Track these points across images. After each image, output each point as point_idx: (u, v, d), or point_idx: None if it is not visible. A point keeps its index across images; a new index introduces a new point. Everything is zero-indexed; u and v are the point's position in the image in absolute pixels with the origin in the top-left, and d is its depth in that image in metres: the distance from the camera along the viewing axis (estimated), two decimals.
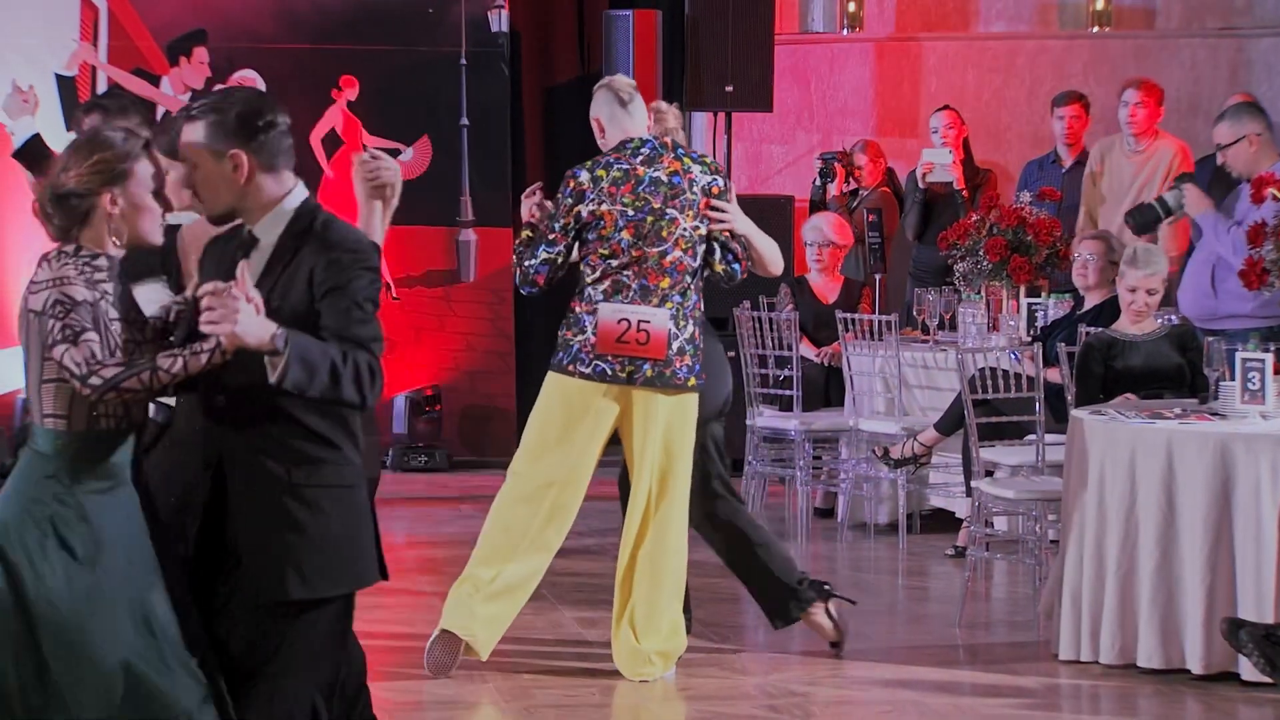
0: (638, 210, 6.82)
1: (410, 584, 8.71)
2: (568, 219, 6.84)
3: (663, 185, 6.84)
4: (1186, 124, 12.10)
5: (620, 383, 6.77)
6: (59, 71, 12.24)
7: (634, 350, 6.77)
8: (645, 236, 6.80)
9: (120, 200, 4.49)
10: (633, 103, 6.98)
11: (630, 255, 6.79)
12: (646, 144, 6.90)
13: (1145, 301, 8.14)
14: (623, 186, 6.82)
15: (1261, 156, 8.43)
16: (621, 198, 6.82)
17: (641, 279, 6.80)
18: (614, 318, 6.77)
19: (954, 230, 10.06)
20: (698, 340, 6.86)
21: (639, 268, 6.80)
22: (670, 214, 6.82)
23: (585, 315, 6.81)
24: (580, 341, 6.81)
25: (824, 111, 13.02)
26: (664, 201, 6.82)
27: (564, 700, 6.75)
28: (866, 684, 7.01)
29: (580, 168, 6.90)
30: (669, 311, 6.79)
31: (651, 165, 6.85)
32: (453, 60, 12.48)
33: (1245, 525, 6.79)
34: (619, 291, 6.79)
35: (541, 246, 6.86)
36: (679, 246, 6.82)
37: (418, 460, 12.28)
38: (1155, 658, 6.95)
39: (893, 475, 9.70)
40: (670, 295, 6.81)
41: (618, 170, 6.84)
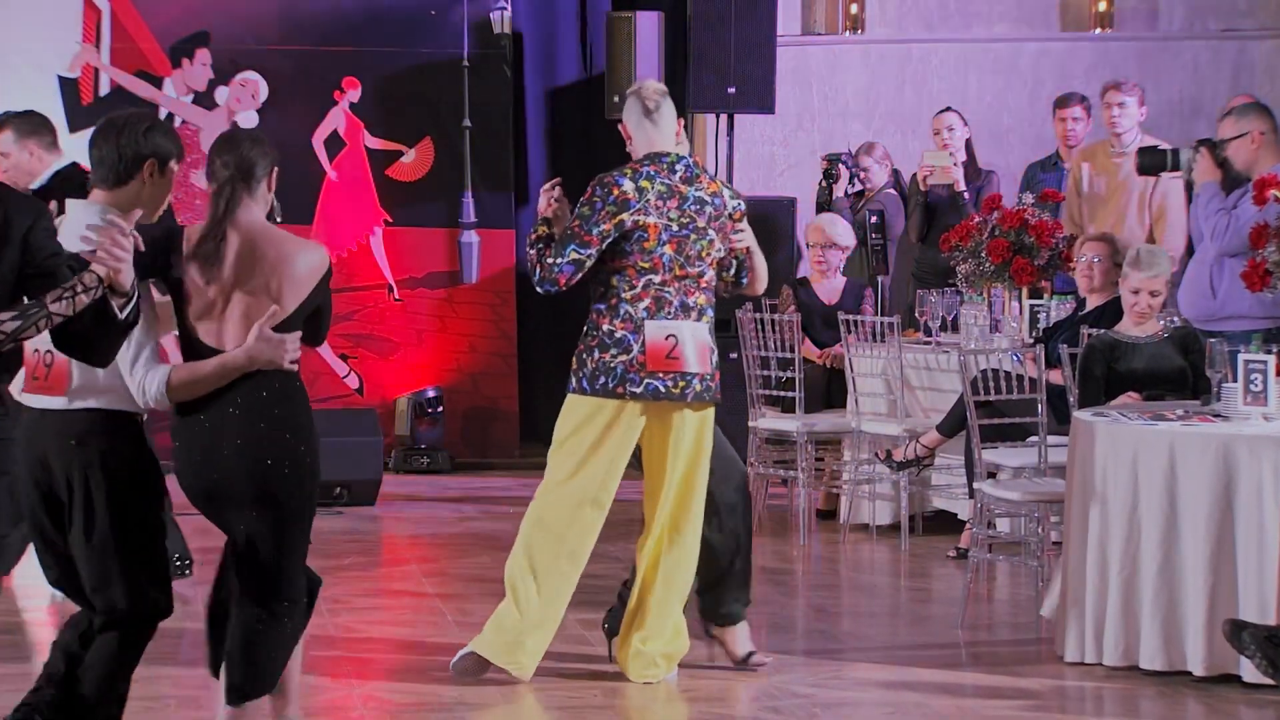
0: (682, 226, 6.81)
1: (413, 585, 8.72)
2: (608, 225, 6.74)
3: (707, 205, 6.85)
4: (1188, 126, 12.11)
5: (674, 399, 6.77)
6: (62, 73, 12.25)
7: (683, 366, 6.79)
8: (687, 254, 6.81)
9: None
10: (659, 111, 6.92)
11: (672, 271, 6.78)
12: (681, 161, 6.88)
13: (1148, 303, 8.14)
14: (669, 201, 6.79)
15: (1263, 155, 8.42)
16: (668, 212, 6.79)
17: (683, 295, 6.80)
18: (661, 335, 6.77)
19: (956, 232, 10.06)
20: (717, 353, 6.96)
21: (679, 284, 6.80)
22: (710, 235, 6.85)
23: (629, 334, 6.76)
24: (625, 362, 6.75)
25: (825, 113, 13.02)
26: (707, 222, 6.84)
27: (567, 701, 6.75)
28: (869, 685, 7.01)
29: (621, 175, 6.82)
30: (707, 325, 6.87)
31: (692, 184, 6.84)
32: (455, 62, 12.49)
33: (1247, 527, 6.79)
34: (661, 308, 6.78)
35: (571, 246, 6.76)
36: (712, 266, 6.90)
37: (420, 462, 12.28)
38: (1157, 659, 6.95)
39: (895, 477, 9.71)
40: (706, 310, 6.87)
41: (661, 184, 6.81)
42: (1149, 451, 6.96)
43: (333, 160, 12.44)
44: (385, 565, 9.58)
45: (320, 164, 12.31)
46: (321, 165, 12.33)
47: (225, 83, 12.36)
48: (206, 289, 5.46)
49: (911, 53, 13.04)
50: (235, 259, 5.47)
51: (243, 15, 12.38)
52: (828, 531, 10.10)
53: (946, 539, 9.62)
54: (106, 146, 5.46)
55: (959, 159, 10.99)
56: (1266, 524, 6.75)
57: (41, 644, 7.74)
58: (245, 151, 5.56)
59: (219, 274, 5.46)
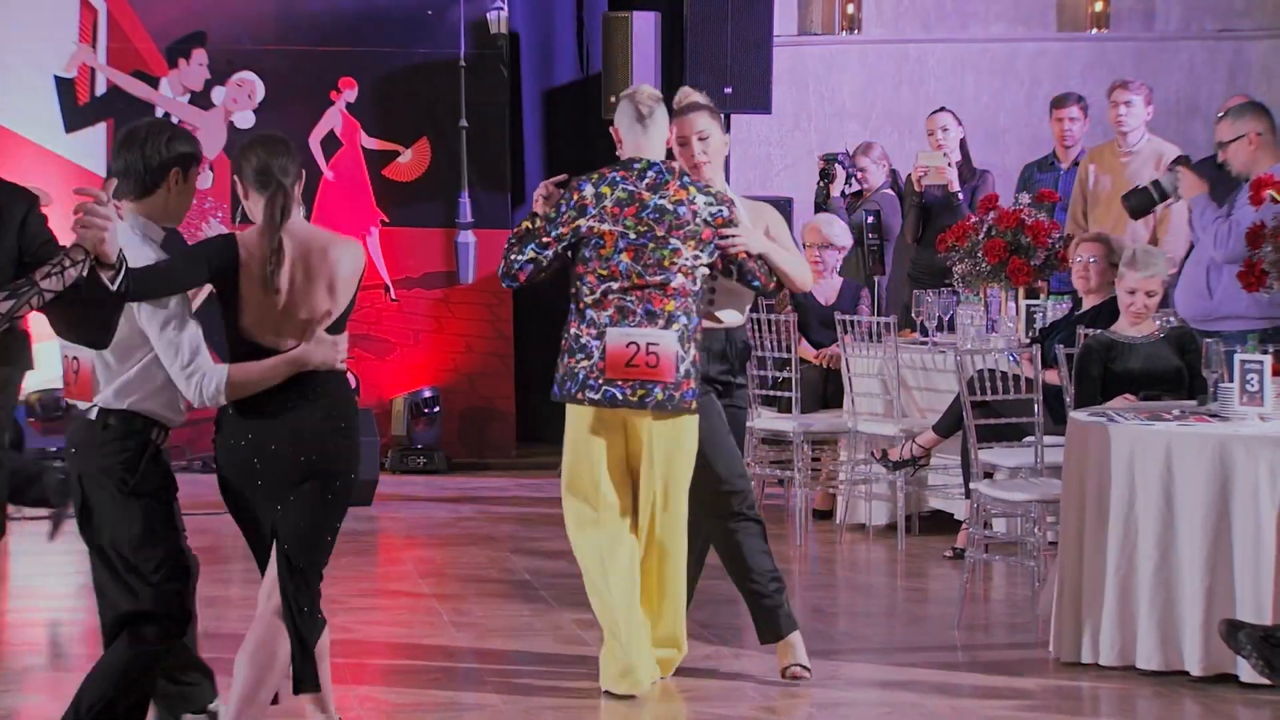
0: (640, 235, 6.72)
1: (409, 586, 8.72)
2: (566, 229, 6.74)
3: (667, 214, 6.73)
4: (1185, 126, 12.12)
5: (632, 406, 6.70)
6: (58, 73, 12.25)
7: (644, 374, 6.69)
8: (646, 263, 6.71)
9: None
10: (651, 118, 6.82)
11: (630, 280, 6.71)
12: (653, 167, 6.78)
13: (1144, 303, 8.14)
14: (627, 209, 6.73)
15: (1261, 156, 8.41)
16: (624, 219, 6.72)
17: (646, 304, 6.72)
18: (622, 342, 6.69)
19: (953, 232, 10.07)
20: (697, 363, 6.80)
21: (642, 293, 6.72)
22: (673, 244, 6.72)
23: (591, 341, 6.73)
24: (587, 368, 6.72)
25: (822, 113, 13.03)
26: (667, 230, 6.72)
27: (563, 702, 6.74)
28: (865, 685, 7.01)
29: (586, 180, 6.80)
30: (676, 334, 6.73)
31: (657, 191, 6.74)
32: (452, 62, 12.49)
33: (1244, 527, 6.79)
34: (625, 316, 6.71)
35: (531, 245, 6.77)
36: (682, 274, 6.75)
37: (416, 462, 12.29)
38: (1154, 659, 6.95)
39: (891, 477, 9.71)
40: (676, 317, 6.74)
41: (623, 190, 6.75)
42: (1145, 452, 6.95)
43: (329, 160, 12.44)
44: (382, 565, 9.57)
45: (317, 164, 12.31)
46: (318, 165, 12.32)
47: (222, 83, 12.36)
48: (266, 296, 5.50)
49: (908, 53, 13.05)
50: (290, 265, 5.52)
51: (239, 15, 12.38)
52: (824, 531, 10.11)
53: (943, 539, 9.62)
54: (130, 157, 5.54)
55: (953, 159, 10.99)
56: (1263, 524, 6.75)
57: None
58: (285, 156, 5.61)
59: (279, 282, 5.51)
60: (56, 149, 12.21)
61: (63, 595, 8.64)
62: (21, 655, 7.48)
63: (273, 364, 5.52)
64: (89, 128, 12.29)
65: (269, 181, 5.56)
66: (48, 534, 7.33)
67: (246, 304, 5.53)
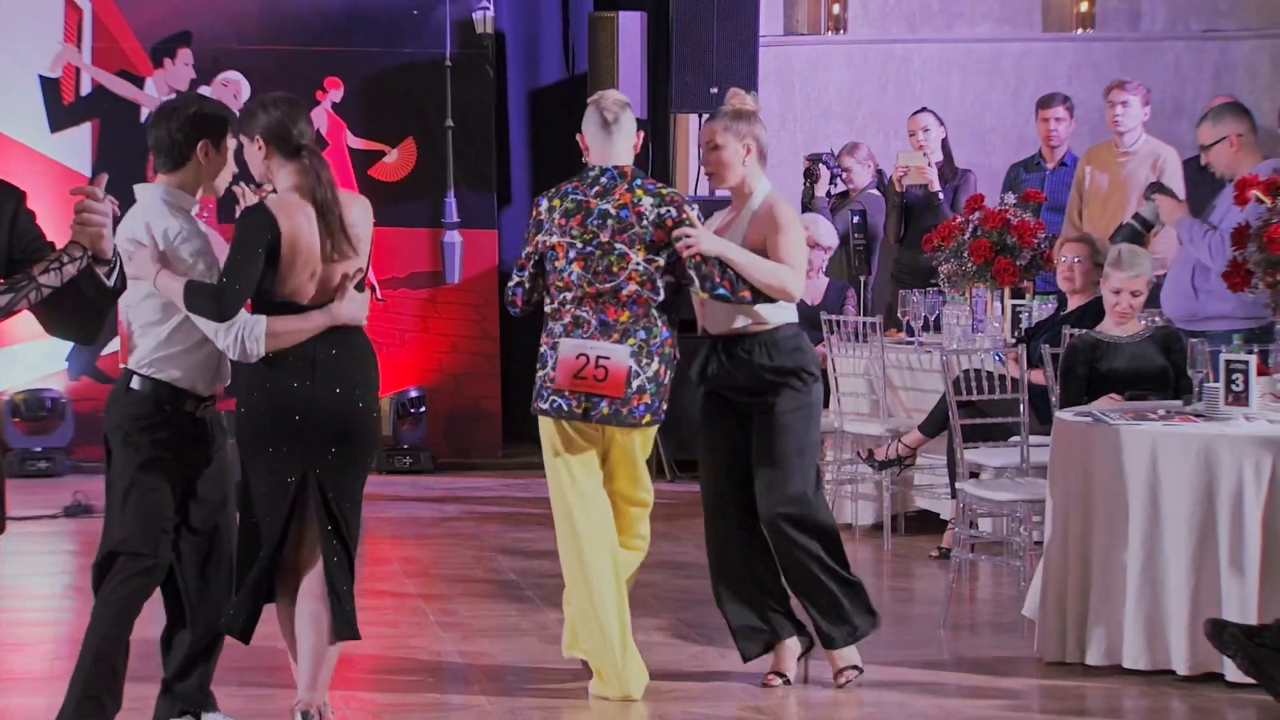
0: (586, 243, 6.68)
1: (395, 586, 8.71)
2: (531, 248, 6.78)
3: (611, 218, 6.67)
4: (1170, 126, 12.13)
5: (576, 418, 6.69)
6: (43, 73, 12.23)
7: (591, 386, 6.64)
8: (595, 271, 6.67)
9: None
10: (616, 124, 6.77)
11: (583, 289, 6.67)
12: (606, 173, 6.73)
13: (1129, 303, 8.15)
14: (573, 218, 6.69)
15: (1244, 157, 8.44)
16: (571, 229, 6.69)
17: (600, 314, 6.67)
18: (573, 353, 6.66)
19: (938, 232, 10.07)
20: (663, 378, 6.71)
21: (595, 303, 6.67)
22: (620, 249, 6.65)
23: (548, 351, 6.73)
24: (542, 377, 6.74)
25: (808, 113, 13.03)
26: (612, 235, 6.65)
27: (549, 702, 6.74)
28: (851, 685, 7.01)
29: (543, 196, 6.82)
30: (630, 348, 6.65)
31: (604, 198, 6.69)
32: (438, 62, 12.49)
33: (1229, 526, 6.80)
34: (579, 326, 6.67)
35: (515, 270, 6.85)
36: (634, 280, 6.65)
37: (402, 462, 12.28)
38: (1140, 659, 6.95)
39: (877, 476, 9.72)
40: (633, 331, 6.66)
41: (571, 201, 6.72)
42: (1131, 451, 6.96)
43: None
44: (368, 565, 9.56)
45: None
46: None
47: (207, 82, 12.36)
48: (307, 262, 5.72)
49: (894, 53, 13.06)
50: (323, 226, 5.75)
51: (224, 15, 12.37)
52: None
53: (929, 539, 9.63)
54: (159, 132, 5.79)
55: (934, 159, 10.99)
56: (1248, 524, 6.76)
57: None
58: (305, 120, 5.86)
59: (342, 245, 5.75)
60: (41, 148, 12.20)
61: (50, 595, 8.63)
62: (9, 655, 7.47)
63: (309, 317, 5.75)
64: (74, 127, 12.28)
65: (298, 148, 5.78)
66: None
67: (288, 271, 5.71)
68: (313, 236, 5.72)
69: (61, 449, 12.05)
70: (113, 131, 12.27)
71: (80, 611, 8.31)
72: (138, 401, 5.76)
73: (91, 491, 10.83)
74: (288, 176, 5.78)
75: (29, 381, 12.07)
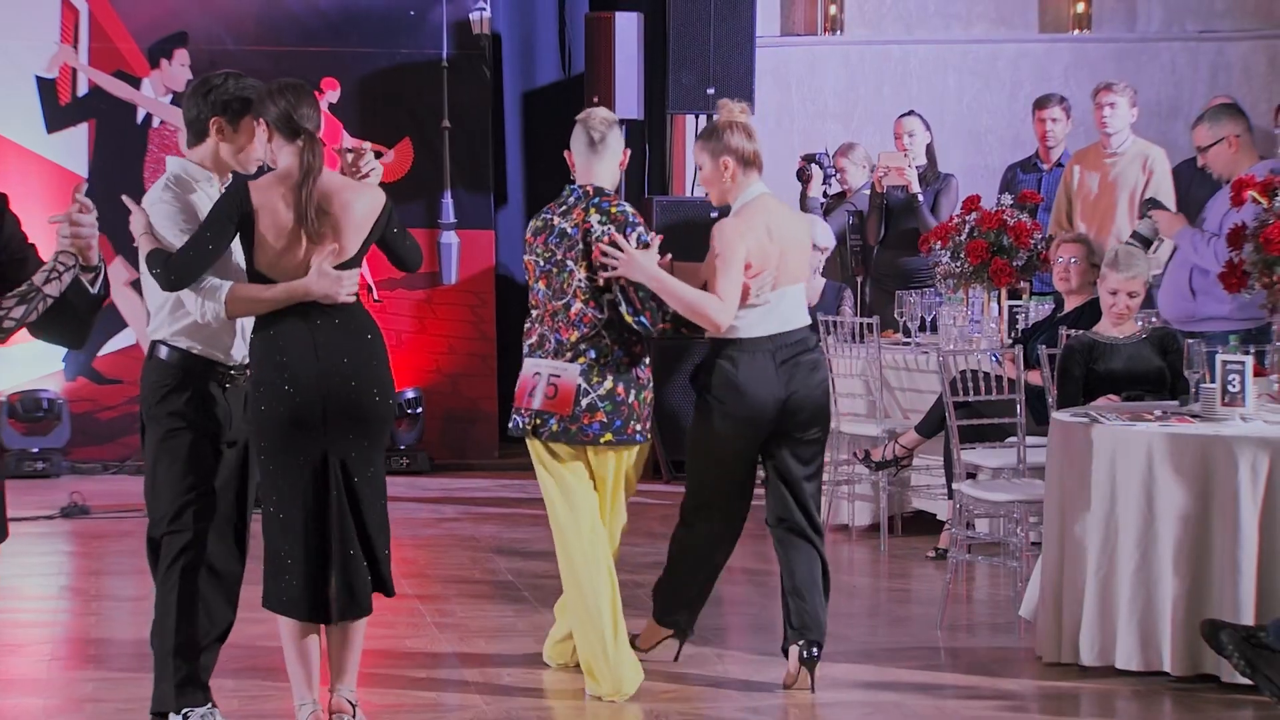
0: (547, 260, 6.78)
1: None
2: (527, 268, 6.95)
3: (566, 237, 6.74)
4: (1166, 127, 12.14)
5: (527, 435, 6.82)
6: (39, 74, 12.23)
7: (543, 404, 6.74)
8: (554, 289, 6.76)
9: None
10: (603, 143, 6.82)
11: (545, 308, 6.79)
12: (574, 192, 6.82)
13: (1126, 304, 8.16)
14: (539, 237, 6.80)
15: (1241, 158, 8.45)
16: (536, 248, 6.80)
17: (556, 332, 6.76)
18: (530, 372, 6.80)
19: (935, 233, 10.08)
20: (620, 395, 6.72)
21: (553, 321, 6.77)
22: (569, 266, 6.72)
23: (522, 371, 6.89)
24: (515, 395, 6.89)
25: (804, 114, 13.03)
26: (564, 253, 6.73)
27: (546, 703, 6.75)
28: (848, 686, 7.01)
29: (535, 217, 6.94)
30: (580, 367, 6.70)
31: (565, 216, 6.77)
32: (434, 62, 12.48)
33: (1225, 527, 6.80)
34: (542, 345, 6.80)
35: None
36: (579, 298, 6.72)
37: (399, 463, 12.28)
38: (1135, 660, 6.96)
39: (874, 477, 9.72)
40: (583, 350, 6.72)
41: (540, 220, 6.84)
42: (1127, 452, 6.97)
43: None
44: None
45: None
46: None
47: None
48: (278, 238, 5.82)
49: (890, 54, 13.06)
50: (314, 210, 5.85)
51: (221, 16, 12.36)
52: None
53: (926, 540, 9.63)
54: (185, 106, 6.04)
55: (918, 163, 10.98)
56: (1243, 525, 6.77)
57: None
58: (310, 105, 5.95)
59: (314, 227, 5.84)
60: (38, 149, 12.19)
61: (47, 596, 8.63)
62: (6, 657, 7.47)
63: (269, 288, 5.85)
64: (71, 128, 12.26)
65: (297, 130, 5.87)
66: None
67: (261, 247, 5.85)
68: (286, 215, 5.83)
69: (58, 450, 12.04)
70: (109, 132, 12.27)
71: (78, 613, 8.33)
72: (159, 369, 5.96)
73: (88, 492, 10.84)
74: (286, 158, 5.91)
75: (25, 382, 12.07)
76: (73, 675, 7.13)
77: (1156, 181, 10.33)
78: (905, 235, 10.91)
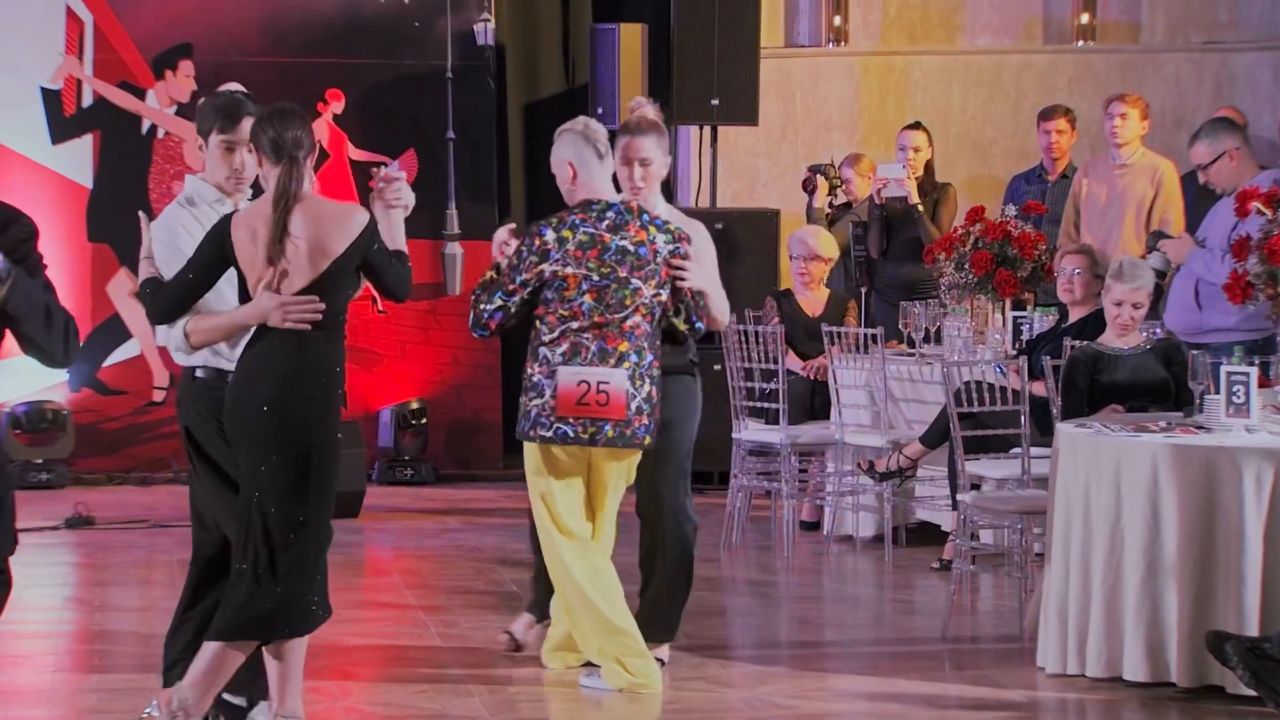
0: (603, 276, 6.81)
1: (395, 597, 8.71)
2: (530, 275, 6.84)
3: (629, 255, 6.82)
4: (1171, 138, 12.13)
5: (583, 444, 6.84)
6: (45, 85, 12.23)
7: (594, 412, 6.79)
8: (608, 303, 6.81)
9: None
10: (608, 155, 6.96)
11: (591, 320, 6.81)
12: (612, 208, 6.86)
13: (1130, 315, 8.15)
14: (589, 251, 6.80)
15: (1243, 170, 8.46)
16: (587, 262, 6.80)
17: (600, 342, 6.81)
18: (573, 380, 6.80)
19: (940, 244, 10.08)
20: (654, 399, 6.90)
21: (599, 331, 6.81)
22: (635, 284, 6.82)
23: (544, 380, 6.84)
24: (539, 406, 6.84)
25: (809, 125, 13.04)
26: (629, 271, 6.81)
27: (549, 713, 6.74)
28: (852, 697, 7.01)
29: (545, 225, 6.87)
30: (626, 372, 6.81)
31: (617, 233, 6.82)
32: (439, 74, 12.48)
33: (1230, 538, 6.80)
34: (577, 354, 6.81)
35: (498, 293, 6.88)
36: (639, 313, 6.84)
37: (403, 473, 12.27)
38: (1140, 671, 6.95)
39: (878, 488, 9.71)
40: (628, 356, 6.83)
41: (584, 234, 6.81)
42: (1132, 463, 6.96)
43: (316, 172, 12.42)
44: (369, 576, 9.56)
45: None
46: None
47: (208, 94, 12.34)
48: (266, 264, 5.81)
49: (894, 65, 13.06)
50: (296, 235, 5.81)
51: (225, 27, 12.37)
52: (811, 543, 10.10)
53: (930, 550, 9.62)
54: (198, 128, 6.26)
55: (917, 175, 10.97)
56: (1249, 535, 6.76)
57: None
58: (298, 129, 5.90)
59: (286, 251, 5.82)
60: (43, 160, 12.19)
61: (51, 607, 8.62)
62: (10, 668, 7.46)
63: (224, 316, 5.90)
64: (75, 139, 12.27)
65: (281, 154, 5.85)
66: None
67: (249, 272, 5.84)
68: (258, 243, 5.82)
69: (62, 461, 12.04)
70: (114, 143, 12.27)
71: (82, 624, 8.33)
72: (195, 389, 6.04)
73: (93, 503, 10.84)
74: (273, 181, 5.92)
75: (30, 393, 12.07)
76: (77, 686, 7.13)
77: (1165, 195, 10.32)
78: (909, 246, 10.90)
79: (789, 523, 9.92)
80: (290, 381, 5.79)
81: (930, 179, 11.13)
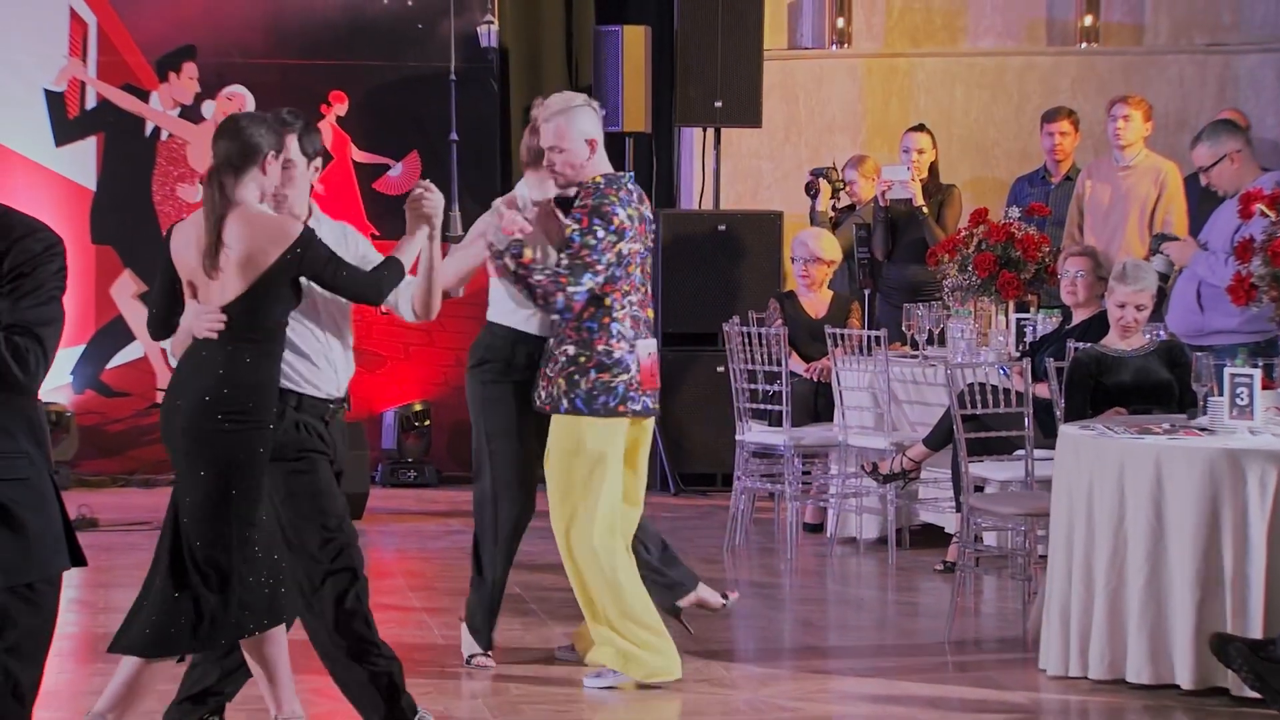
0: (646, 249, 7.01)
1: (399, 600, 8.71)
2: (611, 254, 6.82)
3: (649, 224, 7.06)
4: (1174, 140, 12.13)
5: (653, 414, 7.02)
6: (48, 87, 12.25)
7: (656, 383, 7.01)
8: (645, 273, 7.00)
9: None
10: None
11: (641, 292, 6.97)
12: (631, 178, 7.03)
13: (1134, 317, 8.15)
14: (639, 225, 6.94)
15: (1245, 172, 8.46)
16: (642, 238, 6.97)
17: (643, 313, 6.99)
18: (647, 353, 6.96)
19: (943, 245, 10.08)
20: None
21: (642, 303, 6.99)
22: (647, 253, 7.06)
23: (626, 355, 6.88)
24: (625, 380, 6.88)
25: (812, 127, 13.04)
26: (650, 239, 7.09)
27: (552, 715, 6.74)
28: (855, 699, 7.01)
29: (615, 204, 6.83)
30: (655, 340, 7.12)
31: (644, 204, 7.03)
32: (442, 76, 12.49)
33: (1234, 540, 6.79)
34: (639, 327, 6.96)
35: (587, 275, 6.79)
36: (648, 278, 7.09)
37: (407, 476, 12.28)
38: (1144, 673, 6.95)
39: (882, 490, 9.71)
40: (650, 324, 7.09)
41: (632, 209, 6.93)
42: (1135, 465, 6.96)
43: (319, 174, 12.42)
44: (372, 578, 9.47)
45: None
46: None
47: (212, 96, 12.36)
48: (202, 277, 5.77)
49: (898, 67, 13.06)
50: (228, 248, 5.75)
51: (229, 29, 12.38)
52: (815, 545, 10.11)
53: (933, 552, 9.62)
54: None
55: (921, 177, 10.97)
56: (1252, 537, 6.76)
57: None
58: (225, 139, 5.84)
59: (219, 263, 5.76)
60: (46, 162, 12.20)
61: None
62: None
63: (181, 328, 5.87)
64: (79, 141, 12.28)
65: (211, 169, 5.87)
66: None
67: (192, 285, 5.82)
68: (192, 251, 5.81)
69: (66, 463, 12.04)
70: (118, 145, 12.28)
71: (85, 625, 8.32)
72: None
73: (96, 505, 10.84)
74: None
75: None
76: (80, 688, 7.13)
77: (1168, 197, 10.32)
78: (913, 248, 10.90)
79: (792, 525, 9.92)
80: (213, 394, 5.71)
81: (935, 181, 11.13)
